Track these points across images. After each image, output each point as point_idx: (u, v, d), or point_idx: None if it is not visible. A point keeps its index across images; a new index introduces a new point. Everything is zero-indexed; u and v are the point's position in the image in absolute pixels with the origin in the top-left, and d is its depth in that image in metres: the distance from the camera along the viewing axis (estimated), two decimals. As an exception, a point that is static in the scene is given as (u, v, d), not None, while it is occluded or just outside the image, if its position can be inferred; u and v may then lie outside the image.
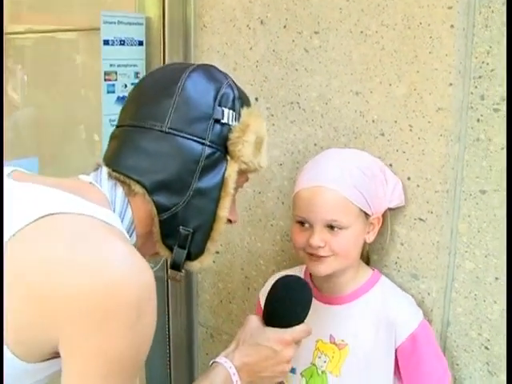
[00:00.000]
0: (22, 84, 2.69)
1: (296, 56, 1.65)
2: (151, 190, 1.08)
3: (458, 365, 1.54)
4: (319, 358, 1.48)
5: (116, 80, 1.78)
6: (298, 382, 1.51)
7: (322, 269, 1.40)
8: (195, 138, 1.10)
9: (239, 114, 1.16)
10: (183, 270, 1.16)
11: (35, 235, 0.90)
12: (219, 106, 1.13)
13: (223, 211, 1.14)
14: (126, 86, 1.81)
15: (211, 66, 1.23)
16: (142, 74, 1.85)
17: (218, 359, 1.22)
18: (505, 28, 1.35)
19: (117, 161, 1.11)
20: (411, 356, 1.41)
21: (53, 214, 0.92)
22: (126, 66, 1.80)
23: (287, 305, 1.27)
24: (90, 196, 1.02)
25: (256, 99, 1.72)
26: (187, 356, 2.12)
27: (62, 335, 0.88)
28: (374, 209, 1.42)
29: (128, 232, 1.08)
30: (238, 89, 1.20)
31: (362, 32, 1.51)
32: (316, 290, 1.51)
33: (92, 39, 2.01)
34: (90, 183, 1.08)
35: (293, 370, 1.51)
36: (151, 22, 1.84)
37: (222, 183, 1.13)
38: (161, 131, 1.10)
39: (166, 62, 1.84)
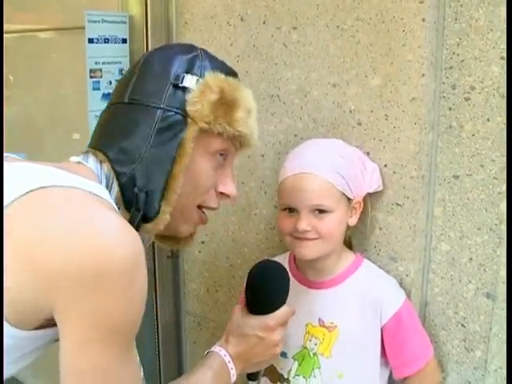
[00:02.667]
0: (6, 83, 2.70)
1: (275, 51, 1.69)
2: (113, 158, 1.11)
3: (436, 342, 1.60)
4: (310, 341, 1.53)
5: (101, 77, 1.82)
6: (290, 366, 1.55)
7: (309, 252, 1.45)
8: (151, 104, 1.12)
9: (204, 79, 1.15)
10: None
11: (26, 207, 0.92)
12: (180, 72, 1.14)
13: (177, 170, 1.12)
14: (110, 82, 1.84)
15: (188, 43, 1.27)
16: (126, 71, 1.88)
17: (212, 349, 1.29)
18: (474, 21, 1.40)
19: (95, 140, 1.17)
20: (396, 334, 1.47)
21: (43, 187, 0.94)
22: (110, 63, 1.84)
23: (266, 291, 1.32)
24: (78, 172, 1.05)
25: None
26: (175, 344, 2.16)
27: (56, 302, 0.89)
28: (356, 193, 1.47)
29: (117, 203, 1.10)
30: (211, 59, 1.20)
31: (338, 27, 1.55)
32: (302, 276, 1.57)
33: (74, 38, 2.04)
34: (79, 162, 1.12)
35: (284, 355, 1.55)
36: (134, 20, 1.88)
37: (178, 144, 1.12)
38: (122, 103, 1.15)
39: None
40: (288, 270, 1.56)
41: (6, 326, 0.92)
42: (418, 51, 1.43)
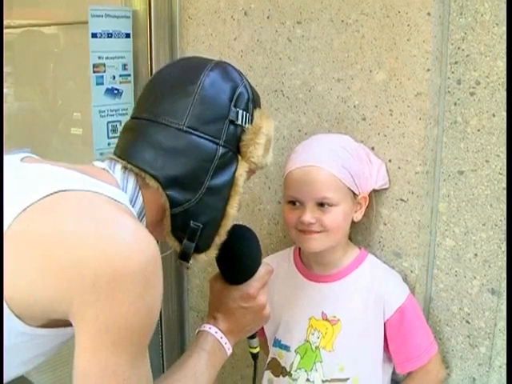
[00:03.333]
0: (9, 78, 2.70)
1: (279, 45, 1.69)
2: (165, 185, 1.11)
3: (440, 339, 1.59)
4: (312, 334, 1.52)
5: (104, 72, 1.81)
6: (292, 359, 1.55)
7: (314, 245, 1.45)
8: (210, 138, 1.14)
9: (252, 116, 1.20)
10: (190, 262, 1.20)
11: (46, 210, 0.93)
12: (234, 107, 1.17)
13: (232, 209, 1.18)
14: (114, 77, 1.83)
15: (228, 64, 1.25)
16: (130, 66, 1.88)
17: (202, 328, 1.28)
18: (479, 15, 1.40)
19: (132, 153, 1.14)
20: (399, 329, 1.47)
21: (63, 190, 0.95)
22: (113, 58, 1.83)
23: (238, 259, 1.29)
24: (101, 178, 1.05)
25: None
26: (179, 339, 2.15)
27: (72, 304, 0.89)
28: (361, 188, 1.47)
29: (138, 217, 1.11)
30: (252, 89, 1.23)
31: (342, 21, 1.55)
32: (306, 270, 1.57)
33: (78, 33, 2.04)
34: (103, 169, 1.11)
35: (287, 348, 1.56)
36: (138, 14, 1.87)
37: (232, 182, 1.17)
38: (178, 129, 1.13)
39: (153, 54, 1.87)
40: (293, 263, 1.57)
41: (14, 320, 0.93)
42: (423, 46, 1.43)
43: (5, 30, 2.67)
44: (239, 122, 1.17)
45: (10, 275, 0.89)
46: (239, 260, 1.29)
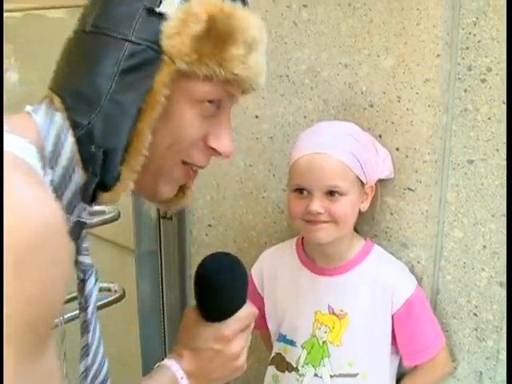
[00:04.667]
0: (11, 63, 2.68)
1: (285, 29, 1.65)
2: (70, 105, 0.87)
3: (447, 331, 1.57)
4: (319, 329, 1.50)
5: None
6: (298, 354, 1.53)
7: (322, 235, 1.40)
8: (117, 34, 0.86)
9: (187, 2, 0.88)
10: (93, 204, 0.93)
11: None
12: None
13: (143, 124, 0.87)
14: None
15: None
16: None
17: (164, 362, 1.08)
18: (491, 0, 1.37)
19: (52, 80, 0.93)
20: (407, 321, 1.44)
21: None
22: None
23: (217, 291, 1.08)
24: (12, 127, 0.82)
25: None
26: (181, 328, 2.15)
27: None
28: (368, 177, 1.43)
29: (69, 167, 0.88)
30: None
31: (350, 5, 1.51)
32: (310, 263, 1.54)
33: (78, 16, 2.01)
34: (27, 113, 0.89)
35: (293, 343, 1.53)
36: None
37: (147, 90, 0.86)
38: (84, 31, 0.89)
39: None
40: (296, 256, 1.54)
41: None
42: (432, 31, 1.39)
43: (8, 14, 2.65)
44: (162, 9, 0.86)
45: None
46: (218, 292, 1.07)
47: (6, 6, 2.56)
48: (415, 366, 1.51)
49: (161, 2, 0.86)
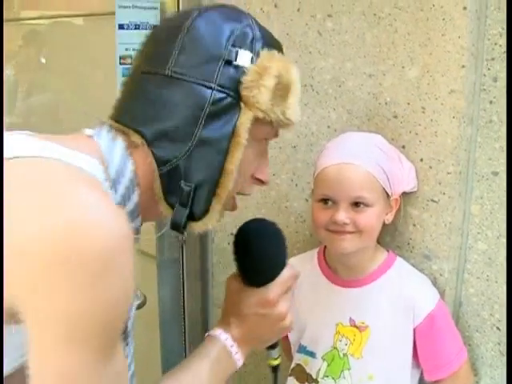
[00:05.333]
0: (38, 69, 2.71)
1: (309, 39, 1.65)
2: (151, 141, 0.97)
3: (469, 345, 1.55)
4: (340, 341, 1.49)
5: (131, 64, 1.79)
6: (319, 366, 1.51)
7: (346, 246, 1.39)
8: (202, 82, 0.97)
9: (258, 56, 1.01)
10: (184, 232, 1.03)
11: None
12: (233, 46, 0.99)
13: (231, 164, 0.99)
14: (140, 69, 1.81)
15: (232, 5, 1.10)
16: (157, 58, 1.85)
17: (212, 331, 1.16)
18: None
19: (118, 111, 1.03)
20: (428, 335, 1.42)
21: (17, 157, 0.82)
22: (140, 49, 1.81)
23: (257, 258, 1.14)
24: (78, 146, 0.91)
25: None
26: (202, 336, 2.12)
27: (17, 294, 0.74)
28: (394, 189, 1.43)
29: (129, 189, 0.97)
30: (262, 30, 1.05)
31: (375, 14, 1.51)
32: (332, 274, 1.53)
33: (106, 24, 2.02)
34: (89, 136, 0.99)
35: (313, 354, 1.52)
36: (166, 6, 1.84)
37: (231, 132, 0.99)
38: (164, 75, 0.98)
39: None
40: (317, 267, 1.53)
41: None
42: (458, 41, 1.38)
43: (35, 21, 2.68)
44: (238, 63, 0.99)
45: None
46: (259, 259, 1.13)
47: (31, 14, 2.59)
48: (436, 381, 1.49)
49: (237, 56, 0.99)
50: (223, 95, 0.98)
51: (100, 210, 0.77)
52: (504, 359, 1.50)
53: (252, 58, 1.00)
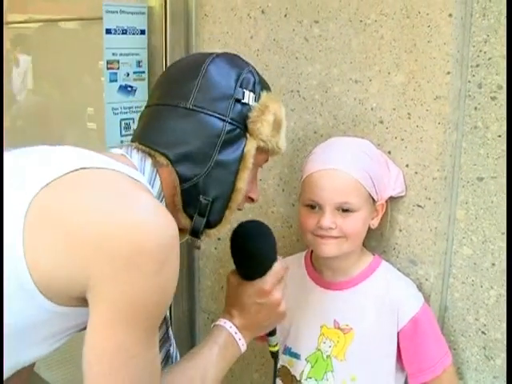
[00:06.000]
0: (25, 73, 2.70)
1: (296, 45, 1.66)
2: (175, 162, 1.16)
3: (455, 349, 1.55)
4: (324, 343, 1.49)
5: (118, 69, 1.79)
6: (302, 368, 1.52)
7: (330, 250, 1.41)
8: (217, 115, 1.18)
9: (259, 96, 1.23)
10: (202, 238, 1.24)
11: (69, 186, 0.98)
12: (240, 87, 1.21)
13: (241, 183, 1.21)
14: (128, 74, 1.81)
15: (234, 54, 1.31)
16: (144, 63, 1.86)
17: (218, 322, 1.31)
18: (503, 17, 1.36)
19: (144, 136, 1.20)
20: (412, 339, 1.43)
21: (84, 168, 1.01)
22: (128, 54, 1.81)
23: (251, 255, 1.31)
24: (120, 161, 1.10)
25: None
26: (189, 341, 2.14)
27: (89, 279, 0.92)
28: (380, 194, 1.44)
29: (158, 198, 1.15)
30: (259, 75, 1.28)
31: (361, 21, 1.52)
32: (318, 276, 1.54)
33: (94, 29, 2.02)
34: (122, 155, 1.17)
35: (297, 356, 1.53)
36: (153, 11, 1.85)
37: (241, 157, 1.20)
38: (185, 108, 1.18)
39: (168, 51, 1.85)
40: (304, 269, 1.54)
41: (41, 298, 0.95)
42: (443, 48, 1.39)
43: (24, 25, 2.68)
44: (245, 101, 1.21)
45: (35, 253, 0.93)
46: (252, 256, 1.31)
47: (18, 18, 2.58)
48: None
49: (244, 95, 1.21)
50: (234, 127, 1.19)
51: (158, 212, 0.98)
52: (489, 363, 1.51)
53: (255, 98, 1.23)
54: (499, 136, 1.41)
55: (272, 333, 1.38)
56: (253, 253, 1.31)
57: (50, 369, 2.54)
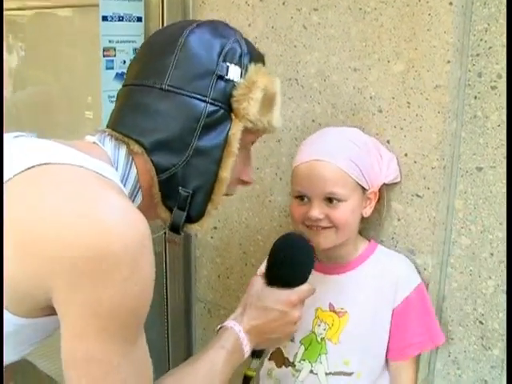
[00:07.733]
0: (20, 60, 2.68)
1: (295, 33, 1.64)
2: (150, 150, 1.05)
3: (452, 339, 1.56)
4: (319, 325, 1.50)
5: (115, 56, 1.78)
6: (296, 350, 1.53)
7: (323, 242, 1.42)
8: (196, 96, 1.06)
9: (246, 71, 1.10)
10: (182, 233, 1.14)
11: (25, 184, 0.90)
12: (223, 61, 1.08)
13: (225, 172, 1.10)
14: (124, 62, 1.80)
15: (220, 21, 1.17)
16: (141, 50, 1.84)
17: (226, 323, 1.24)
18: (503, 6, 1.36)
19: (117, 121, 1.09)
20: (402, 316, 1.44)
21: (45, 163, 0.91)
22: (124, 42, 1.80)
23: (291, 265, 1.28)
24: (90, 153, 1.00)
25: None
26: (185, 331, 2.14)
27: (53, 289, 0.85)
28: (371, 183, 1.44)
29: (133, 192, 1.07)
30: (248, 44, 1.14)
31: (360, 9, 1.51)
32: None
33: (90, 16, 2.00)
34: (94, 143, 1.07)
35: (292, 339, 1.52)
36: (150, -3, 1.83)
37: (224, 142, 1.08)
38: (160, 89, 1.06)
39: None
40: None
41: (6, 313, 0.90)
42: (443, 36, 1.38)
43: (17, 12, 2.65)
44: (229, 77, 1.08)
45: None
46: (295, 265, 1.29)
47: (12, 5, 2.55)
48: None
49: (228, 71, 1.07)
50: (216, 108, 1.07)
51: (127, 213, 0.88)
52: (487, 353, 1.51)
53: (241, 73, 1.09)
54: (499, 125, 1.41)
55: (259, 354, 1.32)
56: (297, 263, 1.28)
57: (44, 358, 2.53)
